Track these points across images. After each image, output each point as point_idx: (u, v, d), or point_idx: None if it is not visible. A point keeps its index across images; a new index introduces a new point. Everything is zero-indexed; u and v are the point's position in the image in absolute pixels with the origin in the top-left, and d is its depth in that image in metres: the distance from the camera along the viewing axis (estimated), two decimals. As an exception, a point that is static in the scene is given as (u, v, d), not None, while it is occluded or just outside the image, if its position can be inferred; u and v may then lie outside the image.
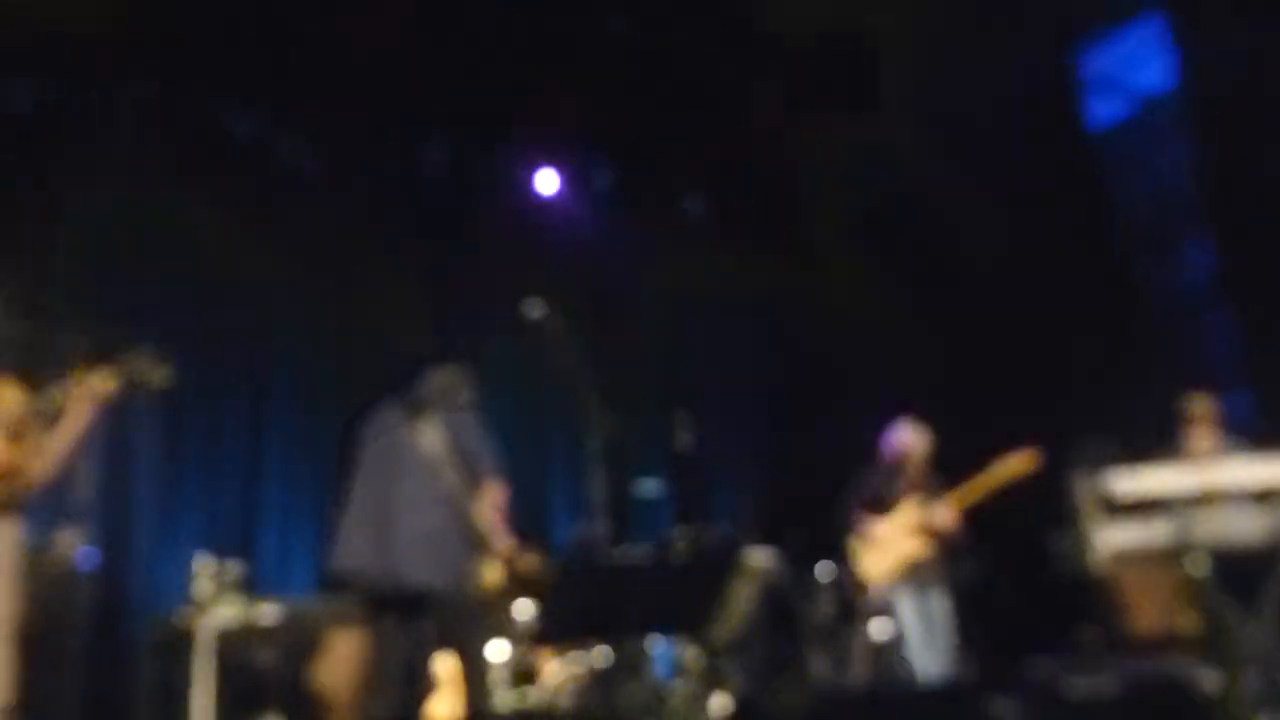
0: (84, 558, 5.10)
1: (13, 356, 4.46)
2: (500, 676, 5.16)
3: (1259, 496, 4.23)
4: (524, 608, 5.50)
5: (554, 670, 5.16)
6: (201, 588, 5.29)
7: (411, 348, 7.27)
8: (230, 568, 5.45)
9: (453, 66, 7.00)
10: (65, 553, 4.99)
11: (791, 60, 7.34)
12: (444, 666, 4.82)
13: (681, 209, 8.90)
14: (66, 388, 3.48)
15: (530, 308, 4.22)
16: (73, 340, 3.44)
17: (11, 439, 3.44)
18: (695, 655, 5.59)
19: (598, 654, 5.09)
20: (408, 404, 4.25)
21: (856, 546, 5.63)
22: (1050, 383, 6.55)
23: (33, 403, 3.48)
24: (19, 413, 3.45)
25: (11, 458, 3.43)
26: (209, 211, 7.02)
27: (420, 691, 4.97)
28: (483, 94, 7.28)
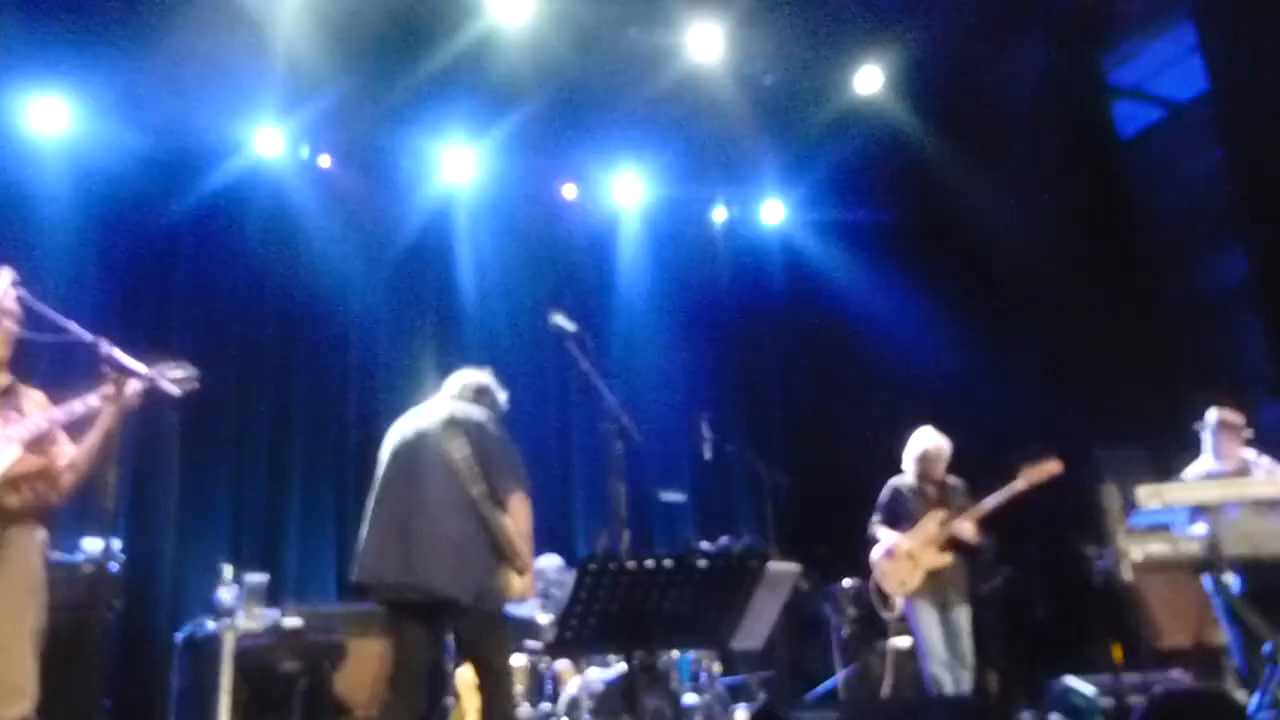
0: (109, 567, 5.12)
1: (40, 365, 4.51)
2: (521, 689, 5.14)
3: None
4: (547, 619, 5.49)
5: (575, 681, 5.14)
6: (225, 596, 5.30)
7: (434, 355, 7.30)
8: (253, 576, 5.47)
9: (469, 73, 7.01)
10: (91, 561, 5.00)
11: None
12: (465, 677, 4.80)
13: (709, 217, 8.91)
14: (93, 397, 3.48)
15: (552, 316, 4.20)
16: (100, 351, 3.42)
17: (38, 447, 3.43)
18: (717, 668, 5.56)
19: (619, 665, 5.08)
20: (432, 411, 4.24)
21: (879, 559, 5.58)
22: (1078, 392, 6.47)
23: (60, 413, 3.47)
24: (45, 422, 3.44)
25: (38, 466, 3.43)
26: (229, 223, 7.10)
27: (442, 701, 4.97)
28: (505, 102, 7.29)
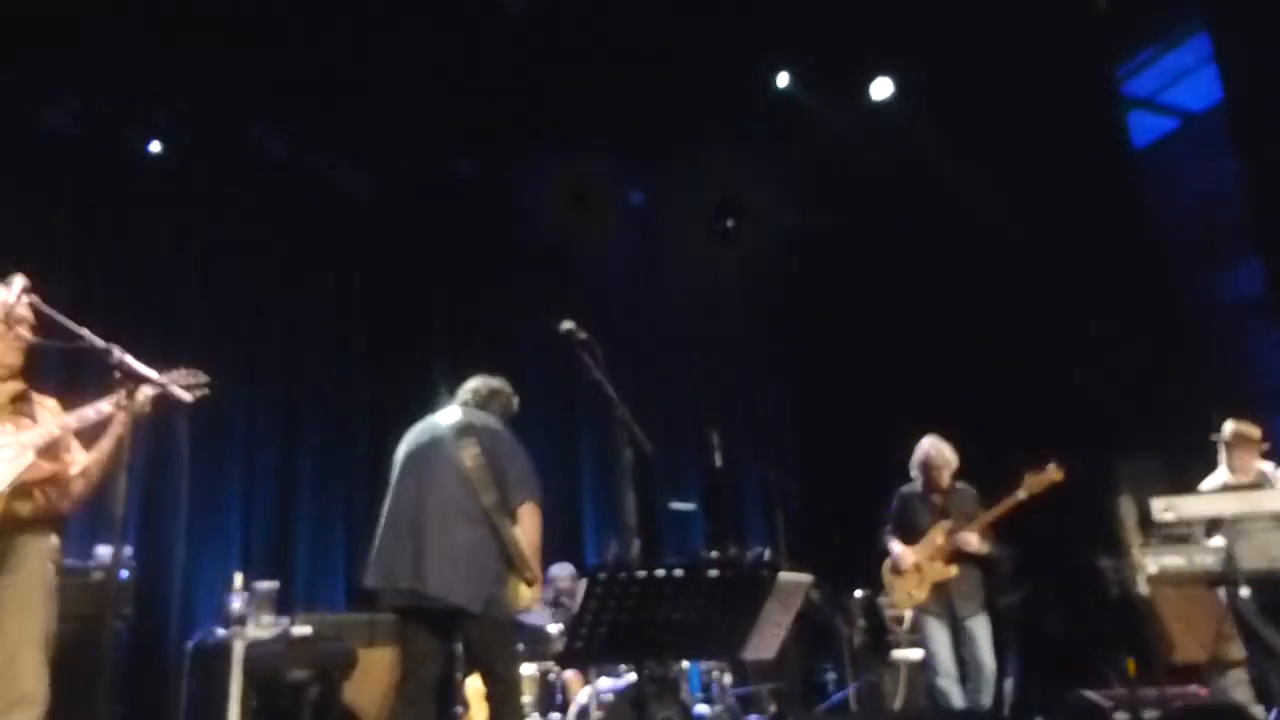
0: (119, 574, 5.12)
1: (54, 372, 4.53)
2: (530, 699, 5.12)
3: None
4: (556, 629, 5.47)
5: (583, 694, 5.12)
6: (234, 605, 5.30)
7: (444, 364, 7.30)
8: (264, 584, 5.47)
9: (484, 83, 7.03)
10: (102, 569, 5.01)
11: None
12: (475, 686, 4.78)
13: (714, 225, 8.89)
14: (105, 404, 3.48)
15: (562, 324, 4.20)
16: (112, 358, 3.42)
17: (50, 454, 3.43)
18: (728, 679, 5.52)
19: (628, 676, 5.05)
20: (445, 419, 4.23)
21: (887, 572, 5.55)
22: (1092, 404, 6.41)
23: (73, 420, 3.46)
24: (58, 430, 3.44)
25: (50, 472, 3.42)
26: (242, 229, 7.12)
27: (451, 710, 4.95)
28: (515, 110, 7.30)
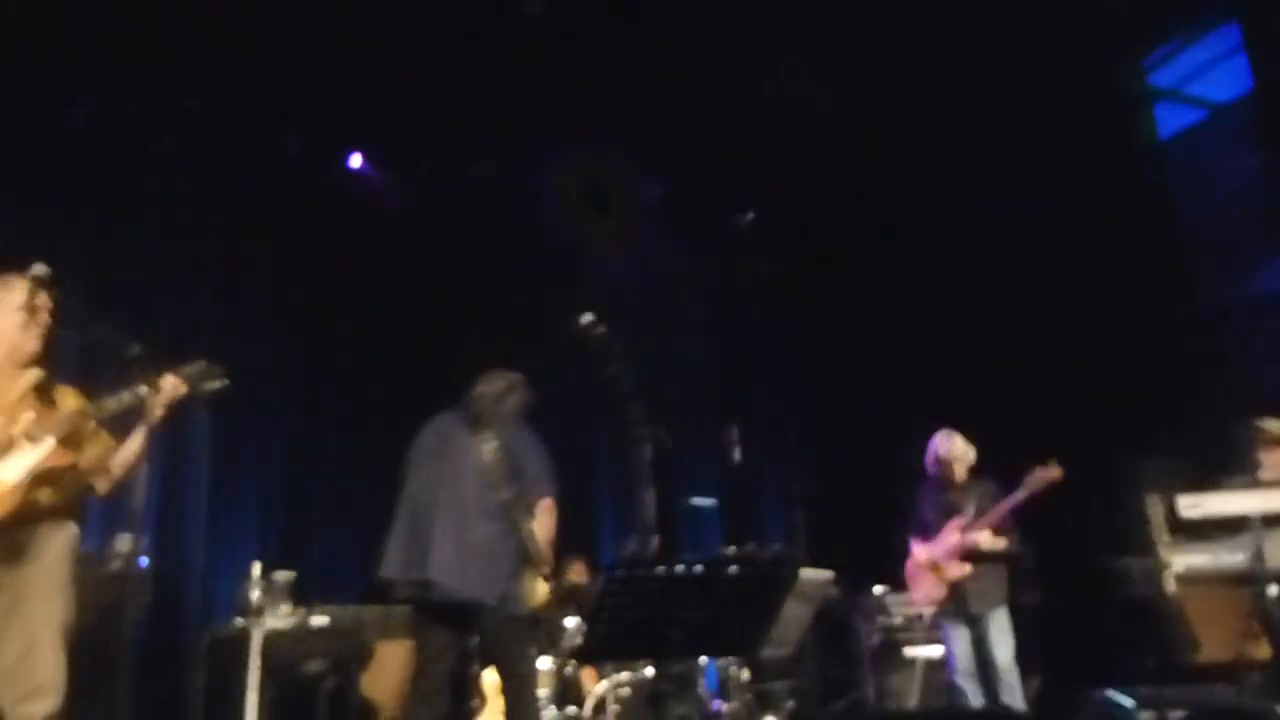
0: (138, 564, 5.14)
1: (73, 362, 4.54)
2: (546, 694, 5.11)
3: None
4: (571, 625, 5.46)
5: (599, 689, 5.10)
6: (252, 595, 5.31)
7: (461, 358, 7.29)
8: (281, 575, 5.48)
9: (501, 80, 7.01)
10: (120, 559, 5.03)
11: (846, 73, 7.26)
12: (492, 680, 4.78)
13: (733, 223, 8.84)
14: (125, 394, 3.49)
15: (579, 320, 4.17)
16: (132, 349, 3.43)
17: (69, 444, 3.43)
18: (745, 676, 5.49)
19: (645, 673, 5.03)
20: (464, 413, 4.23)
21: (909, 571, 5.51)
22: (1115, 401, 6.33)
23: (92, 408, 3.48)
24: (77, 418, 3.44)
25: (70, 461, 3.43)
26: (261, 225, 7.13)
27: (467, 705, 4.95)
28: (532, 107, 7.28)
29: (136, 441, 3.57)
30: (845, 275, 8.43)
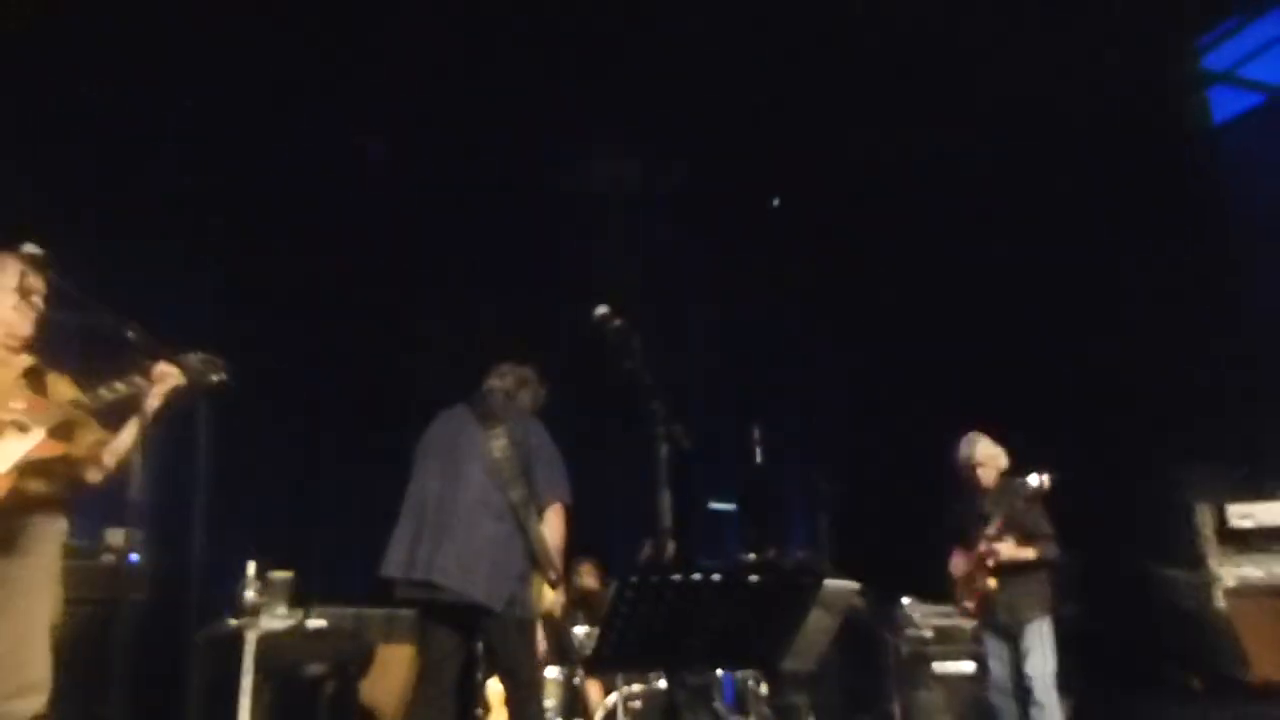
0: (132, 559, 5.04)
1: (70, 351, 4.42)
2: (553, 704, 4.97)
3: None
4: (581, 632, 5.31)
5: (610, 700, 4.94)
6: (251, 595, 5.19)
7: (471, 351, 7.18)
8: (278, 575, 5.37)
9: (526, 65, 6.91)
10: (114, 554, 4.93)
11: (874, 63, 7.09)
12: (496, 689, 4.63)
13: (758, 214, 8.69)
14: (121, 384, 3.39)
15: (594, 312, 4.00)
16: (130, 339, 3.33)
17: (61, 435, 3.33)
18: (764, 690, 5.32)
19: (657, 685, 4.86)
20: (475, 407, 4.10)
21: (950, 580, 5.32)
22: (1165, 406, 6.09)
23: (86, 398, 3.41)
24: (70, 407, 3.36)
25: (61, 452, 3.33)
26: (263, 215, 7.04)
27: (471, 712, 4.78)
28: (554, 94, 7.17)
29: (130, 432, 3.51)
30: (875, 272, 8.28)
